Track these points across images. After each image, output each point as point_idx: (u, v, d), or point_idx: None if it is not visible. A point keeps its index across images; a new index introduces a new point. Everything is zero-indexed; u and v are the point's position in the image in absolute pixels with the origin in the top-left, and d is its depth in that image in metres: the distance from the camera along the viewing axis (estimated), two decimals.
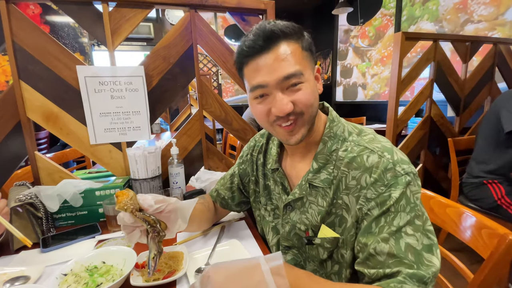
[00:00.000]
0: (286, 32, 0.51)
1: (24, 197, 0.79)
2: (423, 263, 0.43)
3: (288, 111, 0.51)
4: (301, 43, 0.53)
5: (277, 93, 0.52)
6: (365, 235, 0.49)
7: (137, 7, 0.98)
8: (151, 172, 0.95)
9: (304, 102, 0.52)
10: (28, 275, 0.63)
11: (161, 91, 1.06)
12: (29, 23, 0.91)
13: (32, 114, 0.94)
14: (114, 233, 0.83)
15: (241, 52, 0.53)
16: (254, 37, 0.51)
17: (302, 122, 0.54)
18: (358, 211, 0.51)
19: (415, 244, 0.44)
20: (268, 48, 0.50)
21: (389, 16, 3.57)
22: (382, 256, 0.45)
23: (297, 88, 0.52)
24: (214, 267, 0.39)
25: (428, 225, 0.47)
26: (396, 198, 0.46)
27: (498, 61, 2.05)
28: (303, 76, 0.51)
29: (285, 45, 0.51)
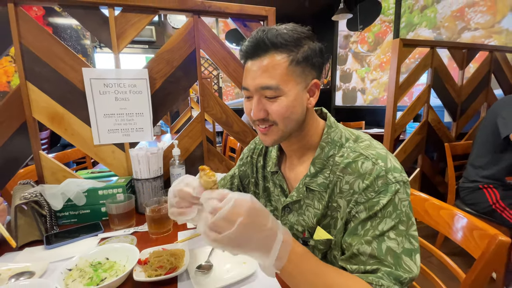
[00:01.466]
0: (275, 43, 0.52)
1: (29, 195, 0.81)
2: (401, 266, 0.46)
3: (259, 118, 0.55)
4: (292, 56, 0.52)
5: (255, 98, 0.55)
6: (351, 236, 0.51)
7: (142, 12, 1.01)
8: (153, 173, 0.97)
9: (277, 114, 0.54)
10: (32, 270, 0.65)
11: (164, 93, 1.09)
12: (37, 26, 0.94)
13: (38, 114, 0.97)
14: (116, 231, 0.85)
15: (240, 52, 0.58)
16: (248, 42, 0.55)
17: (276, 130, 0.57)
18: (347, 214, 0.54)
19: (395, 248, 0.47)
20: (256, 56, 0.54)
21: (388, 22, 3.62)
22: (364, 257, 0.48)
23: (273, 100, 0.54)
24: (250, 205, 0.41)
25: (412, 231, 0.49)
26: (383, 205, 0.49)
27: (494, 68, 2.09)
28: (280, 90, 0.53)
29: (271, 56, 0.52)
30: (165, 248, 0.70)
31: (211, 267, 0.64)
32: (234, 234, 0.39)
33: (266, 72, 0.52)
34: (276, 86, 0.52)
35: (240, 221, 0.39)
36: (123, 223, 0.87)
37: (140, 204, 0.98)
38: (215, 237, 0.40)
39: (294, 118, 0.56)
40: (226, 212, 0.39)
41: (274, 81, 0.52)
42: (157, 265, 0.62)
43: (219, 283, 0.59)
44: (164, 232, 0.83)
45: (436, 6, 2.95)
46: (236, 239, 0.40)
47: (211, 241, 0.40)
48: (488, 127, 1.50)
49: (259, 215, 0.42)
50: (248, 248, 0.41)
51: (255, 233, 0.41)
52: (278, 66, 0.52)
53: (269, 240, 0.42)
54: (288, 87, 0.53)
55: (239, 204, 0.40)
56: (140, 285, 0.60)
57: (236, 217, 0.39)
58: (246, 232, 0.40)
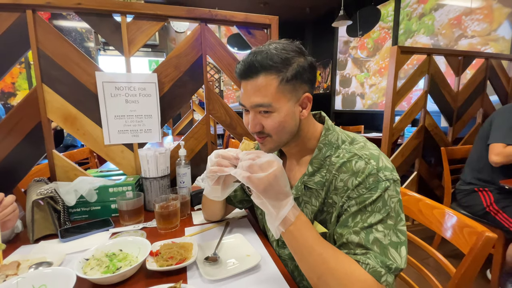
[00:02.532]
0: (265, 66, 0.56)
1: (46, 191, 0.85)
2: (387, 255, 0.50)
3: (255, 131, 0.62)
4: (281, 76, 0.56)
5: (251, 114, 0.61)
6: (342, 227, 0.56)
7: (152, 19, 1.07)
8: (160, 172, 1.02)
9: (271, 127, 0.60)
10: (50, 261, 0.69)
11: (172, 97, 1.14)
12: (53, 31, 0.99)
13: (52, 115, 1.02)
14: (126, 226, 0.90)
15: (235, 73, 0.63)
16: (240, 65, 0.60)
17: (271, 141, 0.63)
18: (340, 207, 0.58)
19: (382, 239, 0.51)
20: (249, 77, 0.59)
21: (387, 29, 3.70)
22: (352, 245, 0.53)
23: (267, 115, 0.60)
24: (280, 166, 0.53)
25: (401, 226, 0.54)
26: (373, 200, 0.54)
27: (489, 74, 2.15)
28: (272, 107, 0.58)
29: (262, 78, 0.57)
30: (174, 241, 0.74)
31: (217, 259, 0.69)
32: (266, 177, 0.50)
33: (258, 91, 0.58)
34: (268, 104, 0.58)
35: (273, 170, 0.51)
36: (133, 219, 0.92)
37: (148, 202, 1.02)
38: (250, 176, 0.51)
39: (287, 131, 0.62)
40: (263, 161, 0.52)
41: (266, 99, 0.57)
42: (168, 256, 0.66)
43: (225, 273, 0.63)
44: (172, 227, 0.88)
45: (434, 13, 3.03)
46: (264, 182, 0.50)
47: (245, 178, 0.51)
48: (486, 131, 1.54)
49: (284, 176, 0.53)
50: (269, 194, 0.52)
51: (279, 186, 0.52)
52: (269, 86, 0.57)
53: (284, 199, 0.53)
54: (280, 104, 0.58)
55: (273, 161, 0.53)
56: (152, 274, 0.64)
57: (269, 168, 0.51)
58: (273, 181, 0.51)
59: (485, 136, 1.53)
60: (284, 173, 0.53)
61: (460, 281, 0.66)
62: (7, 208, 0.72)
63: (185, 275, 0.64)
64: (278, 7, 4.66)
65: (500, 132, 1.43)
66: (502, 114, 1.48)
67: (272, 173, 0.51)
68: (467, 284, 0.67)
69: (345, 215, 0.57)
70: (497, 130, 1.45)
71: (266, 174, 0.50)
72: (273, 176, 0.51)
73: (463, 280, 0.66)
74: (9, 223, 0.75)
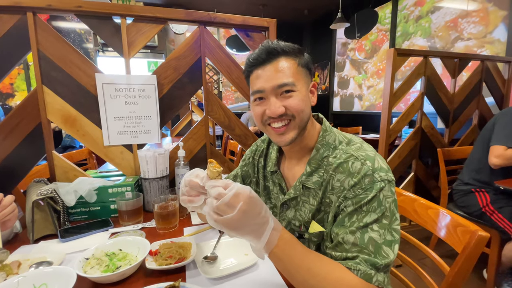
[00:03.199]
0: (285, 50, 0.61)
1: (46, 191, 0.86)
2: (380, 254, 0.52)
3: (280, 113, 0.61)
4: (298, 60, 0.63)
5: (272, 98, 0.62)
6: (338, 226, 0.57)
7: (152, 22, 1.08)
8: (160, 172, 1.03)
9: (295, 107, 0.61)
10: (50, 260, 0.70)
11: (171, 98, 1.15)
12: (54, 34, 1.00)
13: (52, 116, 1.03)
14: (125, 227, 0.91)
15: (248, 63, 0.66)
16: (258, 51, 0.63)
17: (294, 125, 0.63)
18: (337, 208, 0.60)
19: (377, 238, 0.53)
20: (269, 61, 0.62)
21: (384, 31, 3.73)
22: (348, 245, 0.54)
23: (289, 95, 0.61)
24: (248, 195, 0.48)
25: (395, 225, 0.55)
26: (368, 200, 0.55)
27: (485, 76, 2.18)
28: (295, 86, 0.61)
29: (283, 60, 0.61)
30: (173, 241, 0.75)
31: (216, 258, 0.70)
32: (233, 218, 0.46)
33: (281, 72, 0.61)
34: (292, 83, 0.61)
35: (239, 206, 0.46)
36: (132, 219, 0.93)
37: (147, 202, 1.03)
38: (217, 218, 0.47)
39: (306, 113, 0.64)
40: (228, 198, 0.46)
41: (290, 79, 0.61)
42: (167, 255, 0.67)
43: (223, 272, 0.64)
44: (171, 227, 0.89)
45: (431, 16, 3.06)
46: (234, 223, 0.46)
47: (213, 222, 0.47)
48: (486, 133, 1.55)
49: (255, 204, 0.48)
50: (243, 231, 0.48)
51: (251, 219, 0.48)
52: (291, 66, 0.61)
53: (262, 226, 0.49)
54: (300, 84, 0.62)
55: (240, 193, 0.47)
56: (151, 273, 0.65)
57: (236, 204, 0.46)
58: (243, 217, 0.46)
59: (486, 137, 1.53)
60: (255, 199, 0.48)
61: (454, 279, 0.68)
62: (6, 208, 0.73)
63: (184, 274, 0.65)
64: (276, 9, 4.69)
65: (502, 134, 1.43)
66: (506, 116, 1.47)
67: (240, 210, 0.46)
68: (461, 282, 0.68)
69: (341, 215, 0.58)
70: (499, 132, 1.45)
71: (232, 214, 0.46)
72: (242, 214, 0.46)
73: (457, 278, 0.68)
74: (8, 223, 0.76)
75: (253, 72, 0.64)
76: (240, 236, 0.49)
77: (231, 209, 0.46)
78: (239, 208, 0.46)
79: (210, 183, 0.51)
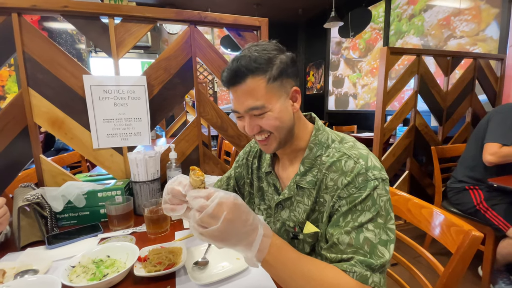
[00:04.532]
0: (251, 69, 0.57)
1: (32, 197, 0.84)
2: (376, 254, 0.51)
3: (256, 131, 0.62)
4: (268, 75, 0.58)
5: (247, 117, 0.61)
6: (333, 227, 0.57)
7: (141, 22, 1.06)
8: (150, 175, 1.01)
9: (269, 126, 0.60)
10: (36, 268, 0.68)
11: (162, 99, 1.13)
12: (39, 35, 0.98)
13: (39, 119, 1.00)
14: (115, 232, 0.88)
15: (222, 82, 0.63)
16: (226, 73, 0.60)
17: (273, 138, 0.63)
18: (331, 208, 0.59)
19: (372, 238, 0.52)
20: (236, 83, 0.59)
21: (378, 30, 3.74)
22: (343, 246, 0.53)
23: (261, 116, 0.60)
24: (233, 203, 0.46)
25: (390, 224, 0.55)
26: (363, 199, 0.54)
27: (478, 74, 2.19)
28: (265, 108, 0.58)
29: (250, 81, 0.57)
30: (163, 246, 0.74)
31: (207, 263, 0.69)
32: (218, 229, 0.43)
33: (249, 95, 0.58)
34: (262, 106, 0.58)
35: (224, 216, 0.43)
36: (122, 224, 0.91)
37: (138, 206, 1.01)
38: (202, 232, 0.44)
39: (285, 126, 0.62)
40: (211, 209, 0.43)
41: (258, 102, 0.58)
42: (156, 261, 0.66)
43: (214, 277, 0.63)
44: (162, 232, 0.87)
45: (424, 14, 3.07)
46: (220, 234, 0.44)
47: (198, 235, 0.45)
48: (480, 131, 1.54)
49: (241, 212, 0.46)
50: (232, 242, 0.46)
51: (238, 228, 0.45)
52: (258, 88, 0.58)
53: (251, 234, 0.47)
54: (272, 103, 0.59)
55: (223, 202, 0.44)
56: (140, 280, 0.63)
57: (220, 214, 0.44)
58: (229, 227, 0.44)
59: (480, 134, 1.53)
60: (241, 206, 0.46)
61: (448, 279, 0.67)
62: None
63: (174, 280, 0.64)
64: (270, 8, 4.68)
65: (497, 132, 1.43)
66: (500, 114, 1.47)
67: (225, 220, 0.43)
68: (456, 282, 0.68)
69: (336, 214, 0.57)
70: (493, 130, 1.44)
71: (217, 225, 0.43)
72: (227, 223, 0.44)
73: (451, 278, 0.67)
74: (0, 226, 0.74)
75: (229, 88, 0.62)
76: (229, 247, 0.47)
77: (216, 220, 0.44)
78: (224, 217, 0.43)
79: (191, 193, 0.48)
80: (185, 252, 0.70)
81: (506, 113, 1.46)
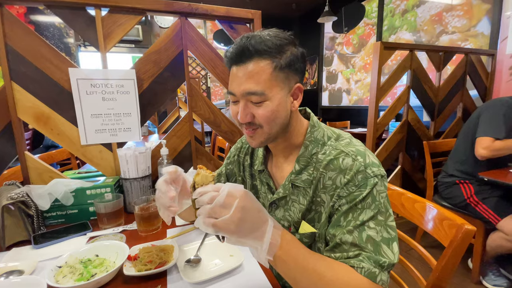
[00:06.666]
0: (259, 50, 0.53)
1: (16, 195, 0.81)
2: (380, 252, 0.50)
3: (245, 121, 0.58)
4: (275, 62, 0.54)
5: (242, 103, 0.57)
6: (334, 227, 0.55)
7: (129, 13, 1.02)
8: (141, 172, 0.99)
9: (263, 117, 0.57)
10: (21, 269, 0.66)
11: (152, 93, 1.10)
12: (22, 26, 0.93)
13: (23, 115, 0.96)
14: (105, 230, 0.86)
15: (226, 56, 0.60)
16: (233, 49, 0.56)
17: (261, 132, 0.60)
18: (331, 207, 0.57)
19: (375, 236, 0.51)
20: (241, 62, 0.55)
21: (371, 25, 3.74)
22: (347, 245, 0.52)
23: (259, 105, 0.56)
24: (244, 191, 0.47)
25: (390, 221, 0.54)
26: (363, 197, 0.53)
27: (469, 70, 2.21)
28: (265, 96, 0.55)
29: (256, 63, 0.54)
30: (154, 244, 0.72)
31: (199, 261, 0.67)
32: (231, 217, 0.43)
33: (251, 78, 0.54)
34: (262, 92, 0.54)
35: (236, 204, 0.44)
36: (112, 222, 0.88)
37: (129, 203, 0.99)
38: (215, 222, 0.44)
39: (279, 122, 0.59)
40: (223, 199, 0.44)
41: (259, 86, 0.54)
42: (146, 260, 0.64)
43: (207, 275, 0.62)
44: (153, 229, 0.85)
45: (416, 10, 3.08)
46: (233, 224, 0.44)
47: (211, 228, 0.44)
48: (471, 125, 1.56)
49: (253, 200, 0.47)
50: (244, 231, 0.45)
51: (251, 215, 0.46)
52: (263, 72, 0.54)
53: (263, 225, 0.47)
54: (273, 92, 0.56)
55: (234, 191, 0.45)
56: (130, 280, 0.62)
57: (233, 202, 0.44)
58: (242, 215, 0.44)
59: (471, 129, 1.54)
60: (252, 198, 0.47)
61: (441, 273, 0.67)
62: None
63: (165, 279, 0.62)
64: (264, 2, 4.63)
65: (489, 126, 1.43)
66: (491, 108, 1.48)
67: (238, 207, 0.44)
68: (448, 275, 0.68)
69: (336, 214, 0.56)
70: (485, 124, 1.45)
71: (231, 213, 0.43)
72: (240, 210, 0.44)
73: (444, 272, 0.67)
74: None
75: (231, 68, 0.59)
76: (242, 238, 0.46)
77: (228, 210, 0.44)
78: (236, 205, 0.44)
79: (198, 190, 0.48)
80: (177, 250, 0.69)
81: (496, 107, 1.47)
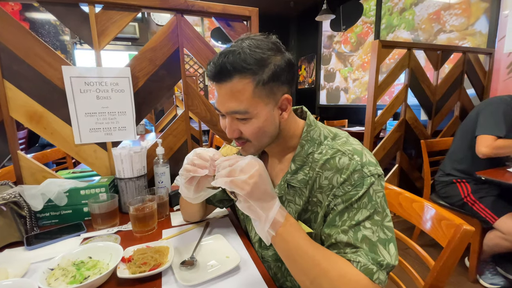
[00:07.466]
0: (237, 68, 0.50)
1: (8, 195, 0.79)
2: (376, 252, 0.49)
3: (233, 137, 0.59)
4: (257, 78, 0.51)
5: (228, 119, 0.57)
6: (330, 227, 0.54)
7: (124, 10, 1.00)
8: (136, 172, 0.97)
9: (250, 134, 0.56)
10: (12, 272, 0.64)
11: (147, 92, 1.08)
12: (14, 23, 0.91)
13: (16, 113, 0.94)
14: (99, 231, 0.85)
15: (207, 74, 0.58)
16: (211, 67, 0.53)
17: (251, 146, 0.60)
18: (326, 207, 0.57)
19: (370, 236, 0.50)
20: (221, 81, 0.53)
21: (369, 24, 3.73)
22: (341, 245, 0.52)
23: (244, 122, 0.55)
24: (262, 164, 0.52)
25: (387, 222, 0.53)
26: (359, 196, 0.52)
27: (467, 68, 2.21)
28: (248, 113, 0.53)
29: (236, 82, 0.51)
30: (149, 245, 0.71)
31: (195, 263, 0.66)
32: (248, 178, 0.48)
33: (232, 97, 0.53)
34: (245, 111, 0.53)
35: (255, 170, 0.49)
36: (106, 222, 0.87)
37: (124, 204, 0.97)
38: (233, 179, 0.49)
39: (267, 135, 0.58)
40: (244, 164, 0.50)
41: (242, 106, 0.53)
42: (141, 262, 0.63)
43: (202, 277, 0.60)
44: (148, 230, 0.84)
45: (414, 8, 3.07)
46: (248, 184, 0.48)
47: (229, 183, 0.49)
48: (469, 124, 1.55)
49: (267, 175, 0.51)
50: (255, 196, 0.49)
51: (263, 185, 0.50)
52: (244, 91, 0.52)
53: (271, 200, 0.51)
54: (257, 109, 0.54)
55: (254, 161, 0.51)
56: (124, 282, 0.60)
57: (252, 168, 0.49)
58: (257, 180, 0.49)
59: (469, 128, 1.53)
60: (267, 174, 0.52)
61: (439, 273, 0.67)
62: None
63: (160, 281, 0.61)
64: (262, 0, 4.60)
65: (490, 124, 1.42)
66: (491, 106, 1.47)
67: (256, 172, 0.49)
68: (446, 275, 0.68)
69: (332, 214, 0.55)
70: (486, 122, 1.44)
71: (250, 174, 0.48)
72: (258, 175, 0.49)
73: (442, 272, 0.67)
74: None
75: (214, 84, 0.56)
76: (252, 201, 0.49)
77: (245, 175, 0.49)
78: (255, 171, 0.49)
79: (222, 159, 0.54)
80: (172, 251, 0.67)
81: (495, 104, 1.46)
